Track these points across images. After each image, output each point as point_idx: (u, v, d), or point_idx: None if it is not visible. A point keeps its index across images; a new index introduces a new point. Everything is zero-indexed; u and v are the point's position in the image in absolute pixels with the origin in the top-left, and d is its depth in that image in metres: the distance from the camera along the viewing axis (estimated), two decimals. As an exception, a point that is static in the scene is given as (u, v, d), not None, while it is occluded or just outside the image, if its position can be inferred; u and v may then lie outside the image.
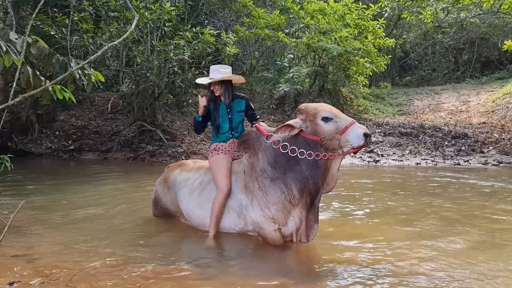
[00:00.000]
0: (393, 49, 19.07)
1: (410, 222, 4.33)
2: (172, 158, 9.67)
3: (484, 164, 8.55)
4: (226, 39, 9.73)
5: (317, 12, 13.16)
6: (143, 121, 10.90)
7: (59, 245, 3.56)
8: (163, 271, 2.94)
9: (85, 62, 3.56)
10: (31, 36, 3.42)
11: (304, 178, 3.31)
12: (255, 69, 16.03)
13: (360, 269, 3.02)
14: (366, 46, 13.24)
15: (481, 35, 18.89)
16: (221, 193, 3.58)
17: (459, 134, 10.89)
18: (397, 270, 2.98)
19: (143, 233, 3.97)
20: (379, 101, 15.67)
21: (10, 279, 2.73)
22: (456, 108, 14.23)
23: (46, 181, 6.88)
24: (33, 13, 4.19)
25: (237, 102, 3.84)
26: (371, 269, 3.02)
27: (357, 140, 3.15)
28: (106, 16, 9.70)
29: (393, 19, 18.80)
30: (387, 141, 10.79)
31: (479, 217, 4.51)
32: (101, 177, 7.34)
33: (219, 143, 3.80)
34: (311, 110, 3.35)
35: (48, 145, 10.87)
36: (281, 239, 3.45)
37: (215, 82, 3.74)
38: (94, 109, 13.35)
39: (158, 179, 4.41)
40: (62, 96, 3.33)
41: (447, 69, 20.48)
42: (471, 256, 3.23)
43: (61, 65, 3.53)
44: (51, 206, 5.07)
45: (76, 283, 2.70)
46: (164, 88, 11.11)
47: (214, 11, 14.61)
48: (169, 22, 10.00)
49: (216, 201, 3.59)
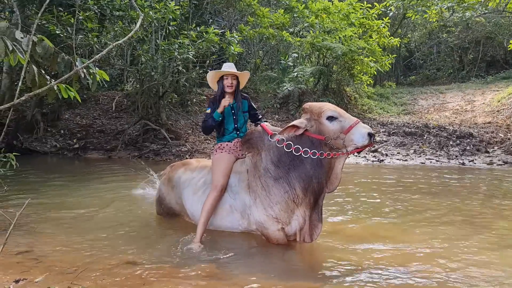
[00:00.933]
0: (397, 48, 19.02)
1: (418, 222, 4.32)
2: (176, 157, 9.69)
3: (489, 164, 8.51)
4: (231, 38, 9.74)
5: (322, 11, 13.14)
6: (147, 120, 10.94)
7: (64, 243, 3.58)
8: (167, 270, 2.95)
9: (90, 61, 3.57)
10: (37, 35, 3.44)
11: (308, 177, 3.31)
12: (259, 68, 16.03)
13: (364, 269, 3.01)
14: (371, 45, 13.20)
15: (487, 34, 18.78)
16: (215, 190, 3.58)
17: (464, 133, 10.84)
18: (401, 269, 2.98)
19: (147, 232, 3.99)
20: (383, 100, 15.62)
21: (15, 277, 2.75)
22: (461, 107, 14.16)
23: (51, 180, 6.91)
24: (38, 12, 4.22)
25: (243, 102, 3.83)
26: (375, 268, 3.02)
27: (362, 140, 3.16)
28: (111, 15, 9.72)
29: (398, 18, 18.75)
30: (392, 140, 10.76)
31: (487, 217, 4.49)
32: (106, 176, 7.36)
33: (223, 143, 3.79)
34: (316, 110, 3.35)
35: (53, 144, 10.93)
36: (284, 239, 3.45)
37: (233, 77, 3.70)
38: (99, 108, 13.40)
39: (162, 178, 4.42)
40: (67, 95, 3.35)
41: (452, 69, 20.40)
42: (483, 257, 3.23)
43: (66, 64, 3.54)
44: (56, 204, 5.09)
45: (80, 281, 2.71)
46: (168, 87, 11.14)
47: (218, 10, 14.62)
48: (174, 21, 10.02)
49: (209, 197, 3.58)
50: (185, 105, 12.96)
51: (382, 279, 2.82)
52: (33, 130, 11.19)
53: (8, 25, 3.40)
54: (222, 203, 3.68)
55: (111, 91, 14.71)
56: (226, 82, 3.69)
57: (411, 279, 2.82)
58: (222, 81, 3.72)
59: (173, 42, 9.56)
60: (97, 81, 3.68)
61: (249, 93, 14.22)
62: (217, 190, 3.57)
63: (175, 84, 11.67)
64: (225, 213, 3.67)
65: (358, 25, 13.58)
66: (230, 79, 3.69)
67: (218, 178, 3.61)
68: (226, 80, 3.70)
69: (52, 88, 3.29)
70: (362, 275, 2.90)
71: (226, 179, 3.62)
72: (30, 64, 3.31)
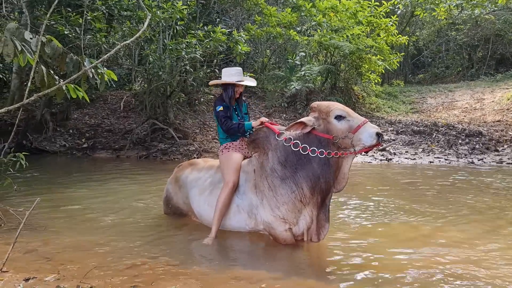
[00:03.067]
0: (406, 47, 18.88)
1: (425, 221, 4.29)
2: (184, 156, 9.71)
3: (499, 163, 8.43)
4: (238, 37, 9.73)
5: (329, 9, 13.06)
6: (155, 120, 10.96)
7: (74, 242, 3.61)
8: (175, 269, 2.97)
9: (98, 61, 3.59)
10: (45, 35, 3.47)
11: (315, 177, 3.30)
12: (266, 67, 16.00)
13: (372, 269, 3.00)
14: (379, 44, 13.11)
15: (496, 31, 18.56)
16: (227, 186, 3.61)
17: (473, 132, 10.74)
18: (406, 269, 2.96)
19: (155, 231, 4.00)
20: (391, 99, 15.53)
21: (25, 275, 2.78)
22: (470, 106, 14.03)
23: (60, 179, 6.96)
24: (47, 13, 4.24)
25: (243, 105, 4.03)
26: (383, 268, 3.00)
27: (370, 139, 3.15)
28: (119, 15, 9.77)
29: (406, 16, 18.62)
30: (400, 139, 10.70)
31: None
32: (114, 175, 7.40)
33: (229, 143, 3.84)
34: (324, 108, 3.34)
35: (62, 143, 11.00)
36: (292, 239, 3.44)
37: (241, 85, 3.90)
38: (107, 108, 13.46)
39: (169, 178, 4.44)
40: (76, 95, 3.38)
41: (461, 67, 20.21)
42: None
43: (75, 64, 3.57)
44: (65, 203, 5.13)
45: (90, 280, 2.73)
46: (176, 87, 11.16)
47: (225, 9, 14.62)
48: (181, 21, 10.04)
49: (222, 193, 3.62)
50: (192, 104, 12.98)
51: (391, 279, 2.81)
52: (42, 129, 11.27)
53: (17, 25, 3.43)
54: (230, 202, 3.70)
55: (119, 90, 14.77)
56: (237, 89, 3.86)
57: (420, 279, 2.80)
58: (233, 86, 3.83)
59: (181, 42, 9.58)
60: (105, 81, 3.70)
61: (256, 92, 14.22)
62: (229, 187, 3.61)
63: (183, 83, 11.69)
64: (232, 213, 3.68)
65: (366, 24, 13.49)
66: (241, 87, 3.88)
67: (229, 175, 3.65)
68: (238, 88, 3.86)
69: (61, 88, 3.32)
70: (370, 275, 2.89)
71: (237, 176, 3.66)
72: (39, 65, 3.34)
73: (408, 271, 2.93)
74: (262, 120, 3.64)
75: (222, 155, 3.81)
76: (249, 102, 13.68)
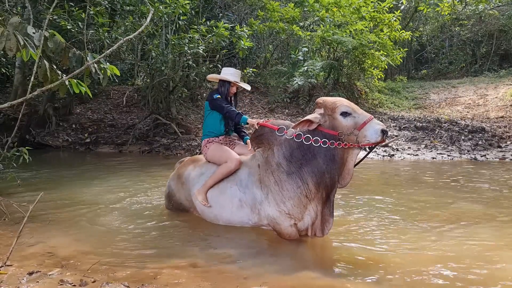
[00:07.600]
0: (409, 42, 18.80)
1: (430, 219, 4.28)
2: (186, 151, 9.72)
3: (502, 159, 8.41)
4: (241, 32, 9.71)
5: (332, 4, 13.01)
6: (157, 115, 10.98)
7: (77, 237, 3.62)
8: (178, 264, 2.97)
9: (101, 56, 3.58)
10: (48, 30, 3.46)
11: (320, 172, 3.30)
12: (269, 62, 15.97)
13: (375, 265, 3.00)
14: (382, 39, 13.06)
15: (500, 27, 18.45)
16: (232, 162, 3.74)
17: (476, 128, 10.71)
18: (412, 265, 2.96)
19: (158, 226, 4.01)
20: (394, 94, 15.48)
21: (29, 269, 2.79)
22: (473, 102, 13.97)
23: (63, 174, 6.98)
24: (50, 8, 4.24)
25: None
26: (386, 264, 3.00)
27: (375, 136, 3.16)
28: (122, 10, 9.76)
29: (409, 11, 18.53)
30: (403, 135, 10.68)
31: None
32: (117, 170, 7.42)
33: (210, 138, 4.04)
34: (329, 105, 3.33)
35: (65, 138, 11.03)
36: (296, 234, 3.45)
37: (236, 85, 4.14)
38: (110, 103, 13.49)
39: (171, 174, 4.44)
40: (79, 90, 3.37)
41: (464, 62, 20.10)
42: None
43: (78, 59, 3.56)
44: (69, 198, 5.14)
45: (93, 274, 2.74)
46: (178, 82, 11.16)
47: (228, 4, 14.57)
48: (184, 16, 10.02)
49: (225, 166, 3.74)
50: (195, 99, 12.98)
51: (397, 275, 2.80)
52: (45, 124, 11.31)
53: (20, 20, 3.42)
54: (232, 197, 3.70)
55: (121, 85, 14.78)
56: (232, 89, 4.10)
57: (427, 277, 2.80)
58: (228, 85, 4.06)
59: (183, 37, 9.56)
60: (108, 76, 3.70)
61: (259, 87, 14.19)
62: (234, 163, 3.73)
63: (185, 78, 11.68)
64: (235, 207, 3.68)
65: (369, 19, 13.42)
66: (235, 87, 4.14)
67: (231, 156, 3.79)
68: (232, 88, 4.10)
69: (64, 83, 3.32)
70: (374, 271, 2.88)
71: (237, 157, 3.78)
72: (42, 59, 3.34)
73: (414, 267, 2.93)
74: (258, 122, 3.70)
75: (208, 148, 3.99)
76: (251, 97, 13.68)
